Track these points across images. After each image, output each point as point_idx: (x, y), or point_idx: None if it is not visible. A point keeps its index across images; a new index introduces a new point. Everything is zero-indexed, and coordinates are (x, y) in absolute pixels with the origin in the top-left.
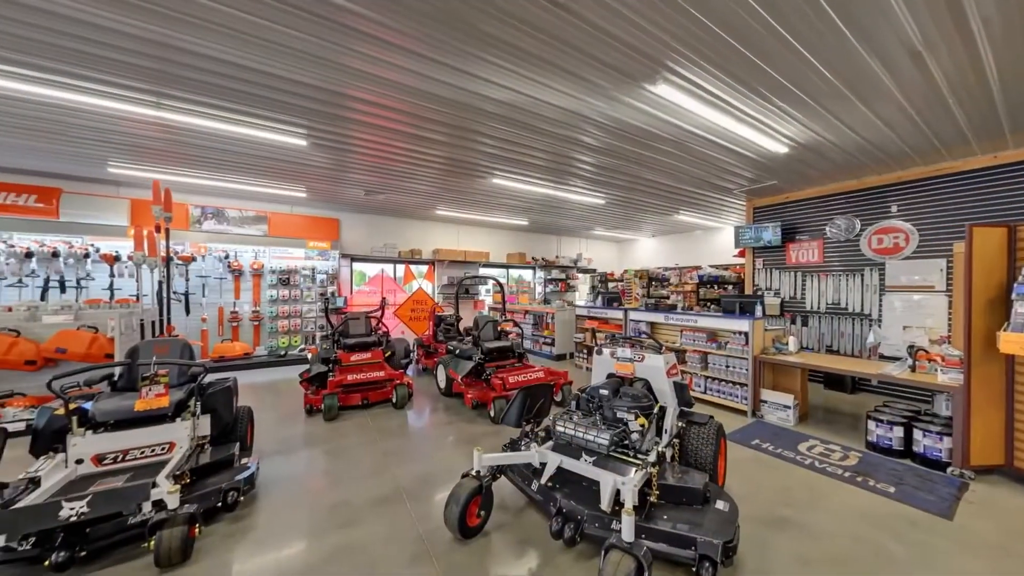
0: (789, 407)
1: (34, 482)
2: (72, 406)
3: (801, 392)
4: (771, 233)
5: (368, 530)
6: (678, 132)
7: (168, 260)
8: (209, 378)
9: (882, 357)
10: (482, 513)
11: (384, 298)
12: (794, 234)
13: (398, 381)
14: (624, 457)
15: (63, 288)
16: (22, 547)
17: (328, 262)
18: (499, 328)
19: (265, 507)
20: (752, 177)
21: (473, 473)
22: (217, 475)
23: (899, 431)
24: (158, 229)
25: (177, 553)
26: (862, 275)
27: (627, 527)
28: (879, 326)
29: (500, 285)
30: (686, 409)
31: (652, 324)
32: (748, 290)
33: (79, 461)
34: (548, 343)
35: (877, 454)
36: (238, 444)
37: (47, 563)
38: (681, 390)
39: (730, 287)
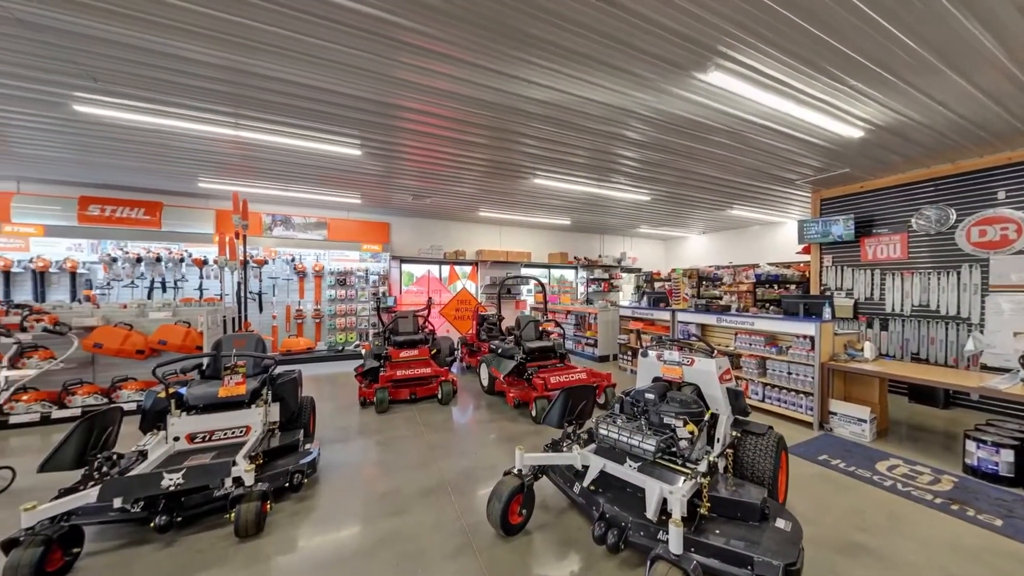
0: (864, 421)
1: (142, 455)
2: (171, 391)
3: (879, 404)
4: (842, 227)
5: (416, 519)
6: (733, 121)
7: (245, 263)
8: (278, 370)
9: (985, 368)
10: (524, 512)
11: (430, 298)
12: (870, 227)
13: (443, 378)
14: (672, 465)
15: (164, 288)
16: (134, 509)
17: (379, 264)
18: (540, 328)
19: (325, 490)
20: (819, 166)
21: (515, 471)
22: (284, 458)
23: (1008, 455)
24: (237, 236)
25: (253, 525)
26: (958, 273)
27: (675, 538)
28: (980, 332)
29: (542, 285)
30: (741, 418)
31: (702, 326)
32: (814, 290)
33: (176, 439)
34: (590, 344)
35: (978, 480)
36: (302, 431)
37: (152, 525)
38: (735, 397)
39: (792, 287)
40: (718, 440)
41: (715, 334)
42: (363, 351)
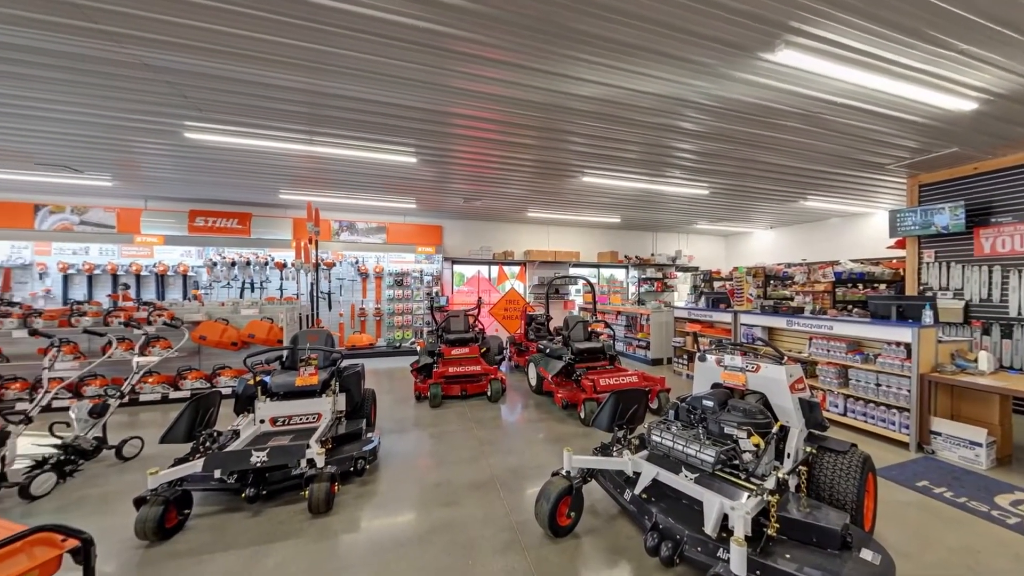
0: (980, 444)
1: (236, 433)
2: (257, 379)
3: (1001, 426)
4: (948, 216)
5: (466, 511)
6: (806, 103)
7: (317, 266)
8: (344, 363)
9: None
10: (572, 514)
11: (480, 297)
12: (987, 216)
13: (492, 376)
14: (733, 479)
15: (252, 288)
16: (229, 480)
17: (433, 265)
18: (589, 329)
19: (385, 477)
20: (917, 147)
21: (563, 473)
22: (349, 445)
23: None
24: (310, 241)
25: (323, 504)
26: None
27: (737, 559)
28: None
29: (591, 285)
30: (817, 432)
31: (770, 329)
32: (911, 290)
33: (262, 421)
34: (642, 346)
35: None
36: (364, 420)
37: (243, 495)
38: (810, 409)
39: (882, 287)
40: (788, 455)
41: (785, 338)
42: (418, 348)
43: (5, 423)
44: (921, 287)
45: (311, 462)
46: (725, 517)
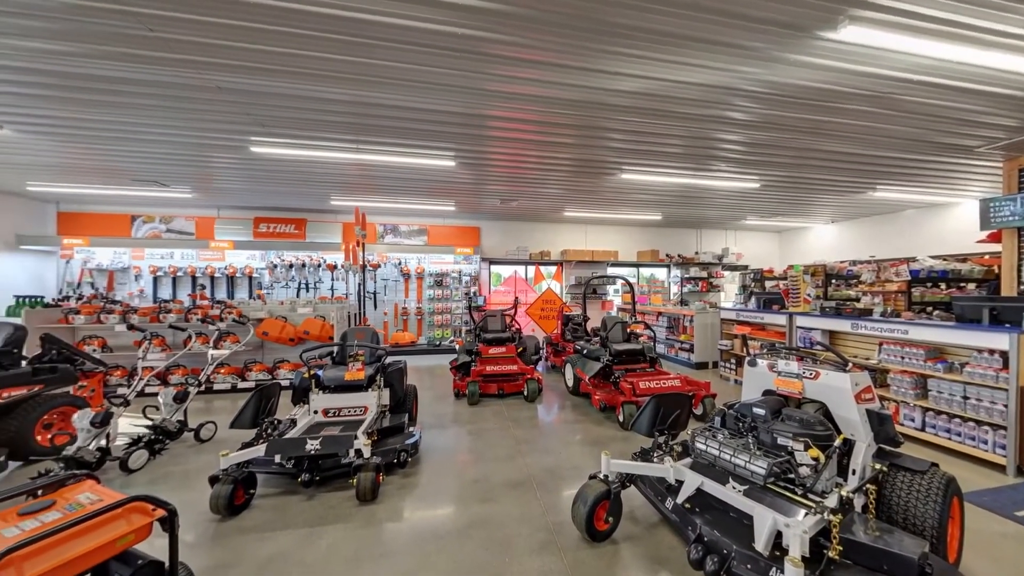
0: None
1: (293, 422)
2: (312, 372)
3: None
4: None
5: (503, 509)
6: (875, 83)
7: (364, 267)
8: (388, 360)
9: None
10: (610, 519)
11: (517, 297)
12: None
13: (529, 376)
14: (788, 494)
15: (307, 288)
16: (287, 465)
17: (471, 265)
18: (628, 330)
19: (426, 470)
20: (1016, 125)
21: (601, 476)
22: (393, 438)
23: None
24: (358, 244)
25: (369, 492)
26: None
27: None
28: None
29: (629, 285)
30: (888, 448)
31: (831, 333)
32: (1008, 289)
33: (315, 412)
34: (685, 349)
35: None
36: (406, 415)
37: (299, 480)
38: (879, 422)
39: (970, 286)
40: (853, 472)
41: (849, 343)
42: (457, 346)
43: (110, 405)
44: (1022, 287)
45: (358, 452)
46: (778, 534)
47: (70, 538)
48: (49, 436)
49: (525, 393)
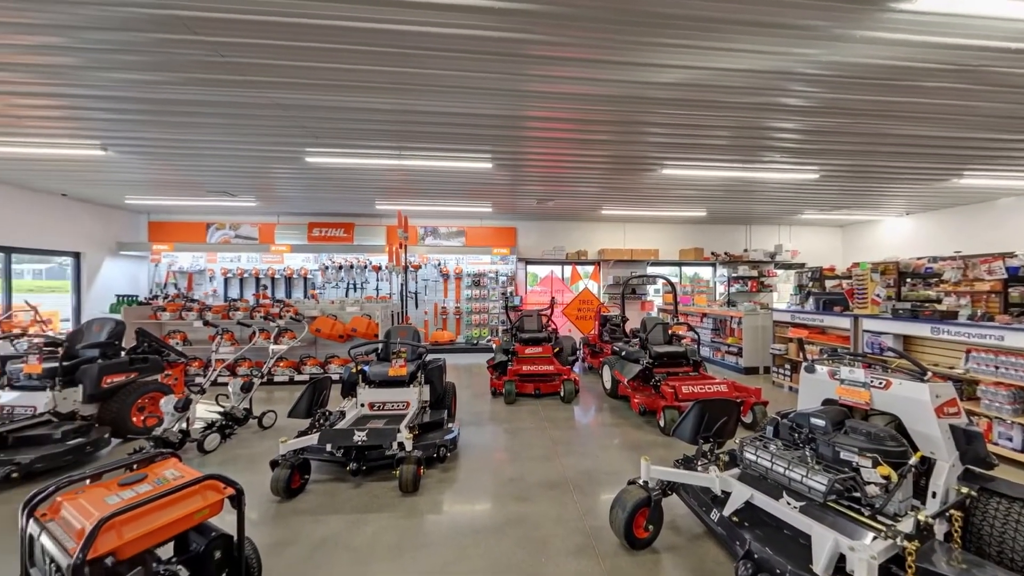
0: None
1: (343, 414)
2: (359, 368)
3: None
4: None
5: (539, 509)
6: (962, 56)
7: (405, 268)
8: (428, 357)
9: None
10: (650, 528)
11: (553, 297)
12: None
13: (565, 376)
14: (853, 514)
15: (354, 288)
16: (337, 454)
17: (507, 265)
18: (670, 331)
19: (464, 465)
20: None
21: (640, 482)
22: (433, 433)
23: None
24: (400, 246)
25: (411, 484)
26: None
27: None
28: None
29: (671, 284)
30: (978, 470)
31: (905, 338)
32: None
33: (362, 405)
34: (733, 353)
35: None
36: (446, 411)
37: (348, 468)
38: (968, 440)
39: None
40: (934, 494)
41: (927, 350)
42: (493, 345)
43: (189, 392)
44: None
45: (401, 445)
46: (840, 558)
47: (159, 508)
48: (142, 418)
49: (561, 394)
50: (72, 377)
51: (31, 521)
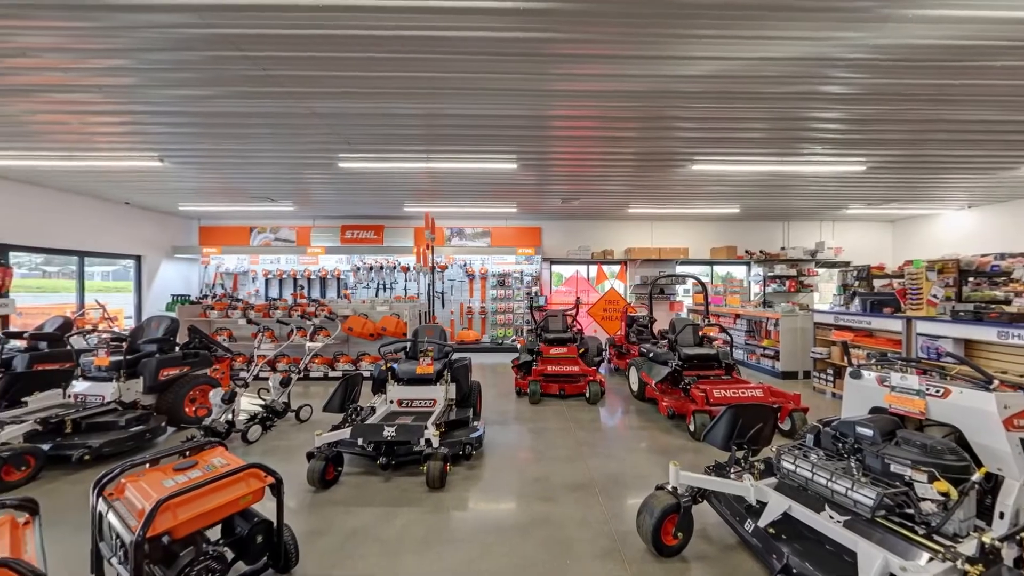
0: None
1: (373, 409)
2: (388, 365)
3: None
4: None
5: (563, 510)
6: None
7: (432, 269)
8: (454, 356)
9: None
10: (679, 535)
11: (578, 297)
12: None
13: (591, 377)
14: (905, 532)
15: (384, 288)
16: (368, 448)
17: (532, 266)
18: (700, 333)
19: (489, 464)
20: None
21: (669, 488)
22: (459, 431)
23: None
24: (428, 247)
25: (438, 480)
26: None
27: None
28: None
29: (701, 284)
30: None
31: (966, 342)
32: None
33: (391, 401)
34: (769, 356)
35: None
36: (471, 410)
37: (378, 462)
38: None
39: None
40: (1001, 515)
41: (993, 356)
42: (518, 345)
43: (234, 386)
44: None
45: (428, 442)
46: None
47: (208, 492)
48: (193, 408)
49: (587, 395)
50: (134, 369)
51: (100, 500)
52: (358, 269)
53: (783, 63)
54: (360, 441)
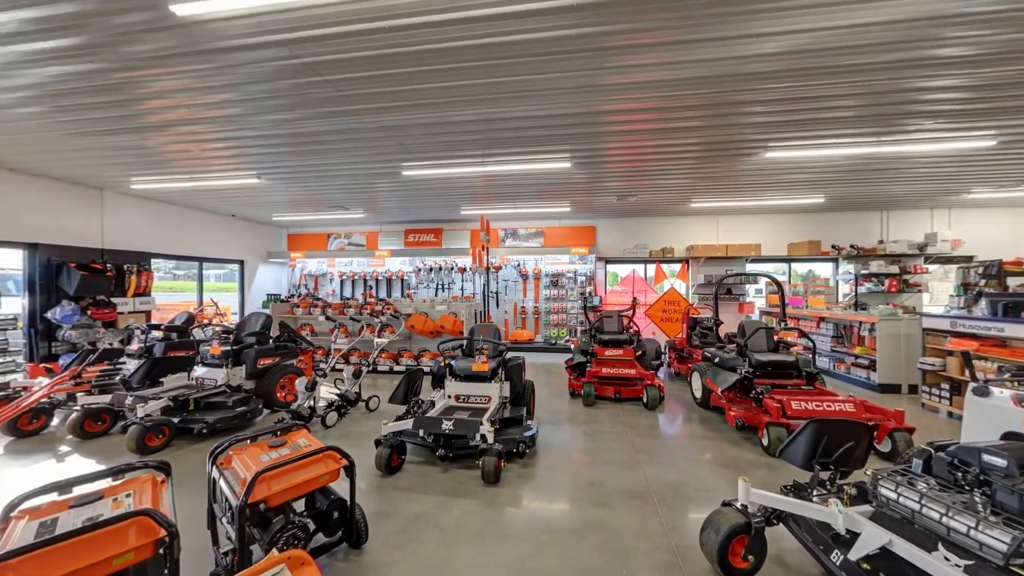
0: None
1: (432, 403)
2: (446, 362)
3: None
4: None
5: (619, 518)
6: None
7: (487, 269)
8: (508, 355)
9: None
10: (750, 557)
11: (635, 298)
12: None
13: (649, 382)
14: None
15: (443, 288)
16: (428, 439)
17: (586, 265)
18: (775, 337)
19: (542, 463)
20: None
21: (738, 505)
22: (513, 428)
23: None
24: (483, 248)
25: (492, 475)
26: None
27: None
28: None
29: (777, 284)
30: None
31: None
32: None
33: (449, 396)
34: (862, 365)
35: None
36: (525, 409)
37: (437, 454)
38: None
39: None
40: None
41: None
42: (572, 346)
43: (315, 376)
44: None
45: (483, 437)
46: None
47: (295, 469)
48: (283, 394)
49: (644, 400)
50: (238, 358)
51: (214, 467)
52: (419, 270)
53: (881, 28)
54: (421, 432)
